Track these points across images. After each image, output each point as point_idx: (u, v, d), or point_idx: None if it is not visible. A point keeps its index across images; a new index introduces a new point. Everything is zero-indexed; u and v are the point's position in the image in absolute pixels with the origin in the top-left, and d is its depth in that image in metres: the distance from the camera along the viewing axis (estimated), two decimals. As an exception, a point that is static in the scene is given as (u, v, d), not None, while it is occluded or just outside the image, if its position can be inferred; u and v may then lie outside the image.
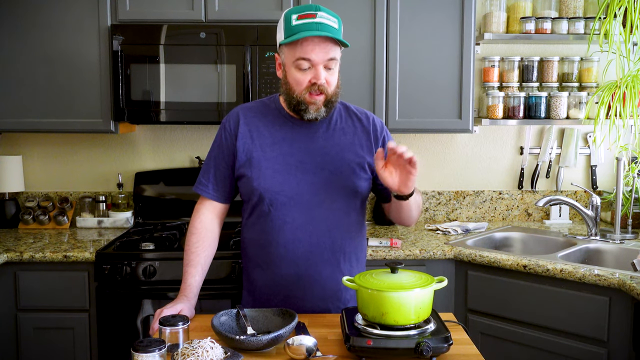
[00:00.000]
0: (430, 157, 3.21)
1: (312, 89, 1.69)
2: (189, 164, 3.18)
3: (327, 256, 1.79)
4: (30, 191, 3.16)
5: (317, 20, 1.64)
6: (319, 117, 1.74)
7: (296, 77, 1.70)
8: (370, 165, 1.82)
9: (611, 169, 3.16)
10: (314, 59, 1.66)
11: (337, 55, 1.70)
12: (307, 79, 1.69)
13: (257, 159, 1.78)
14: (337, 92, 1.75)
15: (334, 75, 1.72)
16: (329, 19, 1.66)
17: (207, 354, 1.33)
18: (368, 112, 1.90)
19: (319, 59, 1.66)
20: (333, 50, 1.68)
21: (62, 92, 2.77)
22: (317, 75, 1.68)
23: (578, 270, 2.21)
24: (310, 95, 1.70)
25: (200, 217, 1.86)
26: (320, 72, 1.68)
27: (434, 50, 2.78)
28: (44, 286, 2.51)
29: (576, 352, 2.23)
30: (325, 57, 1.67)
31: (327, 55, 1.67)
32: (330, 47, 1.67)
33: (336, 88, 1.74)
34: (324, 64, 1.68)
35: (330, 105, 1.74)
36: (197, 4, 2.72)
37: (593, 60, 3.01)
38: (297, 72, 1.70)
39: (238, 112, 1.85)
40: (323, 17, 1.66)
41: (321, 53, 1.66)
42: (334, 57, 1.69)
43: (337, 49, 1.70)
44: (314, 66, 1.67)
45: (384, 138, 1.86)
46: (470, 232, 2.89)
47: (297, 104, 1.72)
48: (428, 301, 1.47)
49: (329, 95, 1.72)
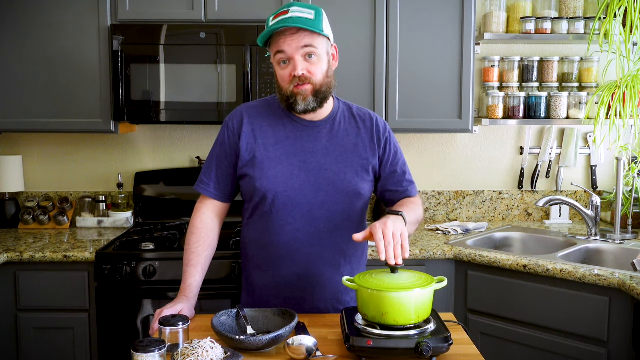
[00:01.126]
0: (430, 157, 3.21)
1: (294, 81, 1.70)
2: (189, 164, 3.18)
3: (328, 258, 1.79)
4: (30, 191, 3.16)
5: (289, 15, 1.67)
6: (308, 107, 1.73)
7: (280, 74, 1.73)
8: (374, 168, 1.82)
9: (611, 169, 3.16)
10: (287, 50, 1.68)
11: (317, 44, 1.69)
12: (287, 73, 1.71)
13: (260, 158, 1.78)
14: (329, 82, 1.74)
15: (315, 65, 1.71)
16: (301, 11, 1.68)
17: (207, 354, 1.33)
18: (372, 113, 1.89)
19: (292, 49, 1.67)
20: (307, 39, 1.68)
21: (62, 92, 2.77)
22: (294, 66, 1.69)
23: (578, 270, 2.21)
24: (295, 87, 1.71)
25: (201, 216, 1.85)
26: (297, 64, 1.68)
27: (434, 50, 2.78)
28: (44, 286, 2.51)
29: (576, 352, 2.23)
30: (297, 47, 1.67)
31: (299, 44, 1.67)
32: (302, 37, 1.67)
33: (325, 78, 1.73)
34: (301, 55, 1.68)
35: (320, 96, 1.73)
36: (197, 4, 2.72)
37: (593, 60, 3.01)
38: (280, 68, 1.72)
39: (242, 111, 1.85)
40: (295, 11, 1.68)
41: (293, 43, 1.67)
42: (309, 45, 1.68)
43: (315, 38, 1.69)
44: (291, 58, 1.69)
45: (386, 139, 1.86)
46: (470, 232, 2.89)
47: (287, 99, 1.73)
48: (428, 301, 1.47)
49: (316, 85, 1.71)
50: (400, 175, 1.87)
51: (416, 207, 1.80)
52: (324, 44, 1.72)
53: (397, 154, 1.88)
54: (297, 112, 1.75)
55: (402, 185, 1.87)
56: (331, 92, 1.78)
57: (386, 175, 1.86)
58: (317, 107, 1.74)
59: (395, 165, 1.86)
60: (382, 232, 1.50)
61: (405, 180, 1.88)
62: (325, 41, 1.73)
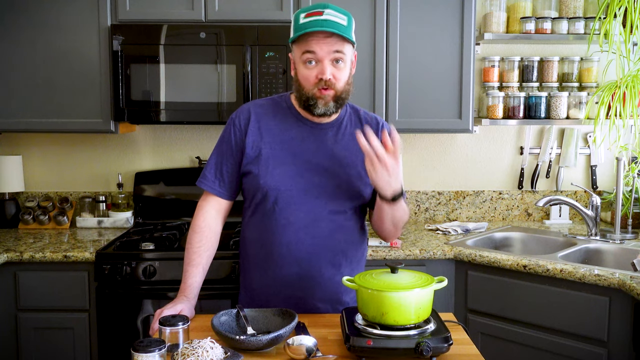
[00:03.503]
0: (430, 157, 3.21)
1: (320, 84, 1.70)
2: (189, 164, 3.18)
3: (329, 258, 1.79)
4: (30, 191, 3.16)
5: (323, 17, 1.66)
6: (327, 112, 1.73)
7: (304, 74, 1.71)
8: None
9: (611, 169, 3.16)
10: (318, 53, 1.67)
11: (346, 51, 1.70)
12: (313, 74, 1.70)
13: (265, 156, 1.77)
14: (348, 89, 1.75)
15: (342, 71, 1.71)
16: (336, 15, 1.68)
17: (207, 354, 1.33)
18: (378, 118, 1.89)
19: (323, 52, 1.67)
20: (338, 45, 1.68)
21: (62, 92, 2.77)
22: (323, 70, 1.68)
23: (578, 270, 2.21)
24: (319, 91, 1.70)
25: (204, 214, 1.84)
26: (326, 67, 1.68)
27: (434, 50, 2.78)
28: (44, 286, 2.51)
29: (576, 352, 2.23)
30: (329, 51, 1.67)
31: (331, 48, 1.67)
32: (334, 42, 1.67)
33: (346, 85, 1.74)
34: (330, 59, 1.68)
35: (340, 102, 1.74)
36: (197, 4, 2.72)
37: (593, 60, 3.01)
38: (305, 68, 1.71)
39: (249, 108, 1.84)
40: (330, 14, 1.67)
41: (325, 47, 1.67)
42: (340, 51, 1.69)
43: (345, 44, 1.70)
44: (320, 61, 1.68)
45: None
46: (470, 232, 2.89)
47: (307, 100, 1.73)
48: (428, 301, 1.47)
49: (338, 91, 1.72)
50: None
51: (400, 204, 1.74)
52: (350, 51, 1.73)
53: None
54: (314, 115, 1.75)
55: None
56: (348, 98, 1.78)
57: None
58: (334, 112, 1.75)
59: None
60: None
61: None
62: (351, 48, 1.74)
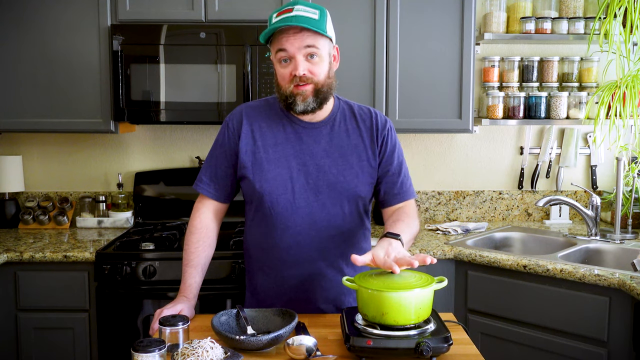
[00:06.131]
0: (430, 157, 3.21)
1: (295, 81, 1.68)
2: (189, 164, 3.18)
3: (330, 260, 1.79)
4: (30, 191, 3.16)
5: (292, 14, 1.66)
6: (308, 108, 1.71)
7: (280, 72, 1.71)
8: (375, 169, 1.79)
9: (611, 169, 3.16)
10: (289, 49, 1.66)
11: (319, 45, 1.68)
12: (288, 72, 1.69)
13: (259, 160, 1.77)
14: (330, 83, 1.73)
15: (317, 66, 1.69)
16: (306, 10, 1.67)
17: (207, 354, 1.33)
18: (372, 110, 1.86)
19: (294, 48, 1.66)
20: (310, 39, 1.66)
21: (62, 92, 2.77)
22: (296, 66, 1.67)
23: (578, 270, 2.21)
24: (295, 87, 1.69)
25: (200, 216, 1.84)
26: (299, 63, 1.67)
27: (434, 50, 2.78)
28: (44, 286, 2.51)
29: (576, 352, 2.23)
30: (300, 47, 1.66)
31: (302, 44, 1.66)
32: (306, 37, 1.66)
33: (327, 79, 1.71)
34: (303, 54, 1.67)
35: (320, 96, 1.71)
36: (197, 4, 2.72)
37: (593, 60, 3.01)
38: (280, 67, 1.71)
39: (241, 111, 1.84)
40: (300, 9, 1.67)
41: (296, 42, 1.66)
42: (312, 45, 1.67)
43: (318, 38, 1.68)
44: (292, 58, 1.68)
45: (385, 136, 1.81)
46: (470, 232, 2.89)
47: (286, 99, 1.72)
48: (428, 301, 1.47)
49: (317, 85, 1.70)
50: (394, 175, 1.81)
51: (412, 221, 1.75)
52: (326, 45, 1.71)
53: (395, 152, 1.82)
54: (295, 113, 1.74)
55: (396, 186, 1.81)
56: (332, 93, 1.76)
57: (381, 172, 1.81)
58: (316, 108, 1.73)
59: (390, 162, 1.81)
60: (384, 261, 1.52)
61: (400, 181, 1.82)
62: (328, 42, 1.72)
